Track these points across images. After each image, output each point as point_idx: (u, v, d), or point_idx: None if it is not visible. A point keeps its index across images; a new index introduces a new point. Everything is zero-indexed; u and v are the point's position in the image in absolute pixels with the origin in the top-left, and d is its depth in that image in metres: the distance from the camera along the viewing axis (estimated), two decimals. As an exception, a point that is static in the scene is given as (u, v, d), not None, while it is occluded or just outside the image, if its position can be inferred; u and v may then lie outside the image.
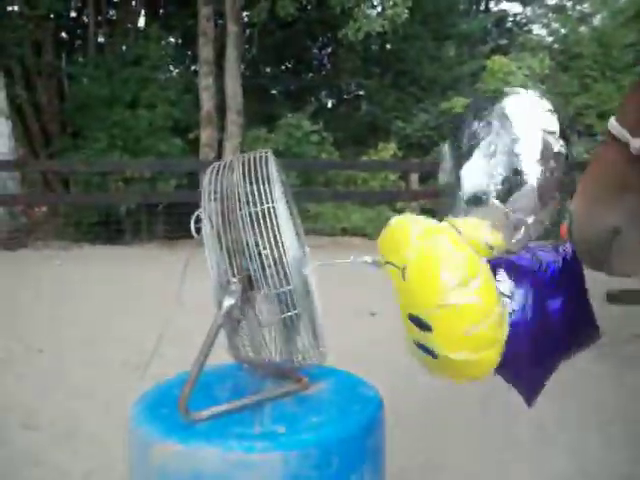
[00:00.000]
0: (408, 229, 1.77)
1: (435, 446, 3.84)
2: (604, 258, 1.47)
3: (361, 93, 22.23)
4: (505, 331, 1.71)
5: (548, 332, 1.82)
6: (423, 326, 1.71)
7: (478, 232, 1.81)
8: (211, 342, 1.76)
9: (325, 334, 2.05)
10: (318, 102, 21.50)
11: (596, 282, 7.21)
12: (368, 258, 2.02)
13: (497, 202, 1.86)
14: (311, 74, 21.84)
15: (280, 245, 1.69)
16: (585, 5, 24.31)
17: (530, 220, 1.85)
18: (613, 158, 1.44)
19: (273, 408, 1.93)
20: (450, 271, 1.65)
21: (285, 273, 1.71)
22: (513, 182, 1.86)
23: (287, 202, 2.01)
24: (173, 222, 12.38)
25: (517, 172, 1.88)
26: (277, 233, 1.68)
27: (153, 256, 10.95)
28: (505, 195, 1.86)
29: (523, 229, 1.86)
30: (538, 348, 1.83)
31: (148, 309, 5.25)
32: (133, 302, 6.94)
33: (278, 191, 1.82)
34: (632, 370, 5.31)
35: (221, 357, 2.02)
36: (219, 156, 13.38)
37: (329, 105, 22.61)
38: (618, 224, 1.43)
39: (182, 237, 10.47)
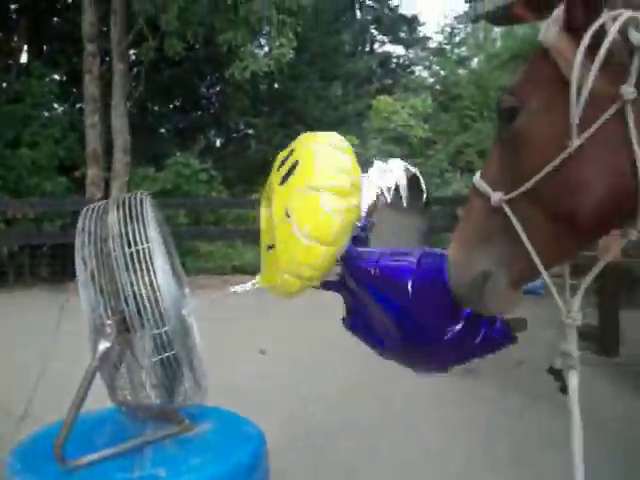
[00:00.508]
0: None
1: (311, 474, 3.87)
2: (479, 299, 1.59)
3: (250, 132, 22.35)
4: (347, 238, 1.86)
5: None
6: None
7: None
8: (87, 386, 1.73)
9: (207, 373, 2.05)
10: (207, 141, 21.41)
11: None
12: (244, 286, 2.04)
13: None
14: (200, 112, 21.80)
15: (155, 286, 1.69)
16: (463, 49, 25.52)
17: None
18: (478, 209, 1.56)
19: (154, 451, 1.91)
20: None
21: (161, 314, 1.70)
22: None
23: (164, 242, 2.01)
24: (58, 264, 11.99)
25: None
26: (152, 274, 1.68)
27: (36, 300, 10.55)
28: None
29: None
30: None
31: (26, 355, 5.05)
32: (10, 349, 6.65)
33: (153, 232, 1.82)
34: (516, 394, 5.53)
35: (104, 402, 1.98)
36: (106, 195, 13.07)
37: (218, 144, 22.58)
38: (487, 269, 1.54)
39: (68, 279, 10.16)
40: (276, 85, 21.92)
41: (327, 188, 1.81)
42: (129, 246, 1.71)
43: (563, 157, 1.37)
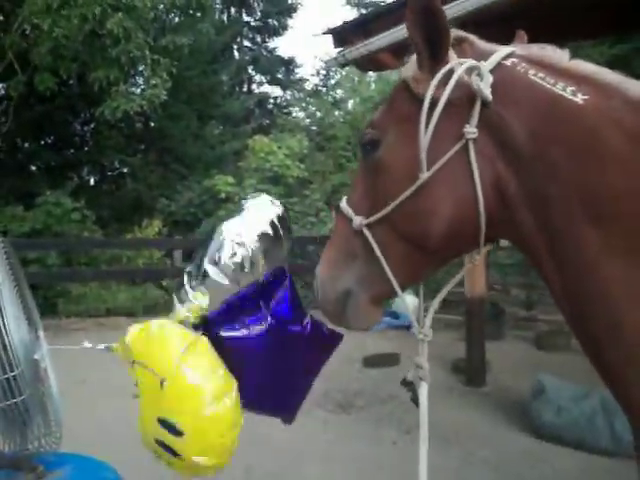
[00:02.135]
0: (171, 343, 1.82)
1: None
2: (342, 315, 1.70)
3: (125, 170, 21.93)
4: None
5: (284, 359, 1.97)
6: (173, 431, 1.77)
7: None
8: None
9: (62, 418, 2.01)
10: (80, 179, 20.83)
11: (356, 349, 7.64)
12: (102, 345, 2.01)
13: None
14: (72, 150, 21.16)
15: (3, 330, 1.65)
16: (338, 91, 26.18)
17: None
18: (342, 232, 1.68)
19: (5, 501, 1.84)
20: (209, 386, 1.77)
21: (9, 358, 1.67)
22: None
23: (16, 285, 1.96)
24: None
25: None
26: (0, 317, 1.65)
27: None
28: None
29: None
30: (277, 376, 1.98)
31: None
32: None
33: (1, 274, 1.78)
34: (390, 427, 5.66)
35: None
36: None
37: (92, 182, 21.97)
38: (349, 287, 1.66)
39: None
40: (152, 123, 21.71)
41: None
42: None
43: (414, 188, 1.49)
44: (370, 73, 20.76)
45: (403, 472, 4.65)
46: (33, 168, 19.93)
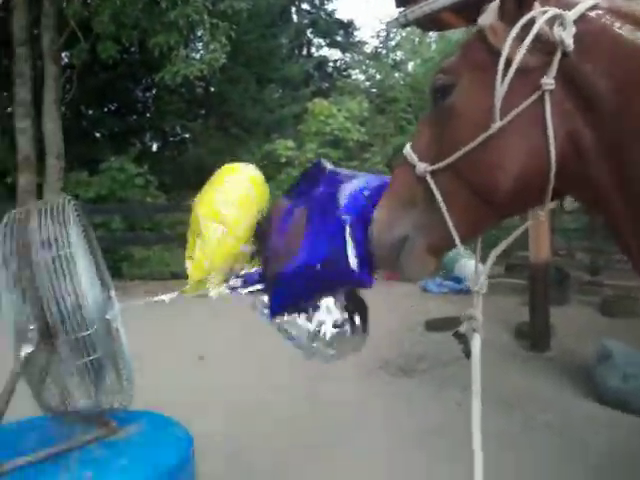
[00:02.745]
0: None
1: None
2: (396, 262, 1.68)
3: (186, 135, 22.17)
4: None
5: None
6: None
7: None
8: (9, 392, 1.73)
9: (133, 376, 2.07)
10: (142, 145, 21.15)
11: (418, 313, 7.61)
12: (171, 294, 2.05)
13: None
14: (135, 116, 21.51)
15: (77, 291, 1.70)
16: (398, 53, 25.84)
17: None
18: (404, 177, 1.66)
19: (81, 454, 1.91)
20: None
21: (84, 318, 1.72)
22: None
23: (89, 247, 2.01)
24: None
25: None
26: (74, 279, 1.69)
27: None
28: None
29: None
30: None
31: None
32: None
33: (75, 237, 1.83)
34: (454, 388, 5.65)
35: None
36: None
37: (154, 148, 22.32)
38: (407, 233, 1.64)
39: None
40: (212, 88, 21.81)
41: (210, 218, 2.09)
42: (51, 251, 1.71)
43: (485, 136, 1.46)
44: (431, 34, 20.41)
45: (469, 433, 4.65)
46: (97, 135, 20.33)
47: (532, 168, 1.46)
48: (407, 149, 1.66)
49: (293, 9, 30.09)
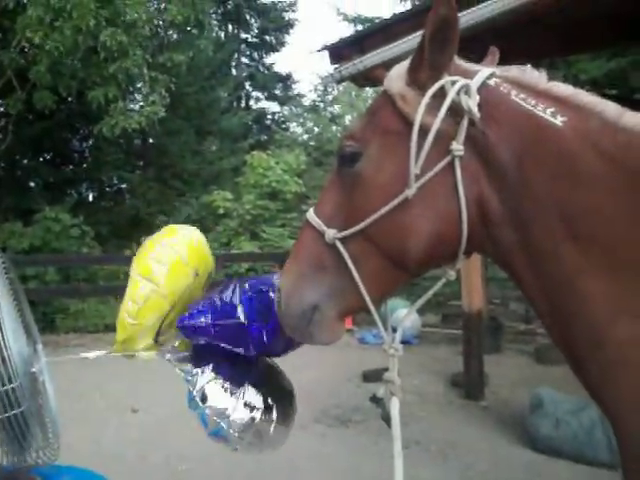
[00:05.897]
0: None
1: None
2: (306, 330, 1.63)
3: (123, 186, 21.97)
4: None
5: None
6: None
7: None
8: None
9: (59, 431, 2.02)
10: (78, 195, 20.90)
11: (355, 364, 7.65)
12: (97, 353, 2.03)
13: None
14: (71, 167, 21.20)
15: (1, 343, 1.66)
16: (336, 107, 26.32)
17: None
18: (311, 244, 1.62)
19: (3, 514, 1.85)
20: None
21: (7, 371, 1.68)
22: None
23: (15, 299, 1.98)
24: None
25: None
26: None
27: None
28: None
29: None
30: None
31: None
32: None
33: (1, 288, 1.80)
34: (389, 441, 5.63)
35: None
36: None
37: (90, 198, 21.99)
38: (316, 302, 1.60)
39: None
40: (150, 140, 21.77)
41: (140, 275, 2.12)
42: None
43: (397, 202, 1.46)
44: (367, 88, 20.86)
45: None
46: (32, 184, 19.94)
47: (445, 232, 1.48)
48: (311, 214, 1.63)
49: (232, 62, 30.51)
